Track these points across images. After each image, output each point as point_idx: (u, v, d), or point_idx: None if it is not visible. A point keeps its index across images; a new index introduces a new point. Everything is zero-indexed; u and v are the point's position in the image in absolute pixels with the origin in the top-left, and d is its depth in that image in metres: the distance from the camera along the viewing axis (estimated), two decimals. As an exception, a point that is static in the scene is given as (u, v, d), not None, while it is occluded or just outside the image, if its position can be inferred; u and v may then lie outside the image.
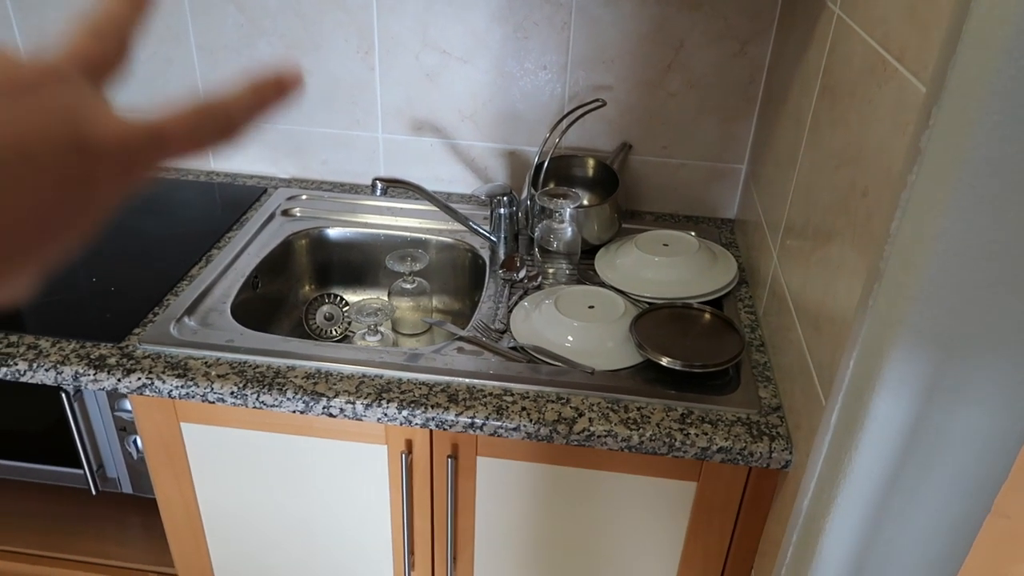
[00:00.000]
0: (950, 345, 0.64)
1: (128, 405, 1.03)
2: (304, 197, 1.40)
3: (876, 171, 0.72)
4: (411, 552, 1.07)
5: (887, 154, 0.70)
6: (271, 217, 1.34)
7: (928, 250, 0.60)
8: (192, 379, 0.94)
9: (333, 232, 1.35)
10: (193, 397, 0.94)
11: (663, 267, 1.17)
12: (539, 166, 1.26)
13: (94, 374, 0.95)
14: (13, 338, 1.00)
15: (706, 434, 0.89)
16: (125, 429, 1.05)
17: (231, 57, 1.37)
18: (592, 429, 0.89)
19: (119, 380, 0.95)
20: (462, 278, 1.34)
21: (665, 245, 1.21)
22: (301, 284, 1.36)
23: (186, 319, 1.05)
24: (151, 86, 1.41)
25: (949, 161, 0.57)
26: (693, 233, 1.26)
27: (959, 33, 0.56)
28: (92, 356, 0.97)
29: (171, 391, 0.94)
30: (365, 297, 1.37)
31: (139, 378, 0.94)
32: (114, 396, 1.03)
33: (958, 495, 0.71)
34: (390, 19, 1.30)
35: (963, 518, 0.73)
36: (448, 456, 0.97)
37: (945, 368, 0.65)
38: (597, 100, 1.26)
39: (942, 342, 0.64)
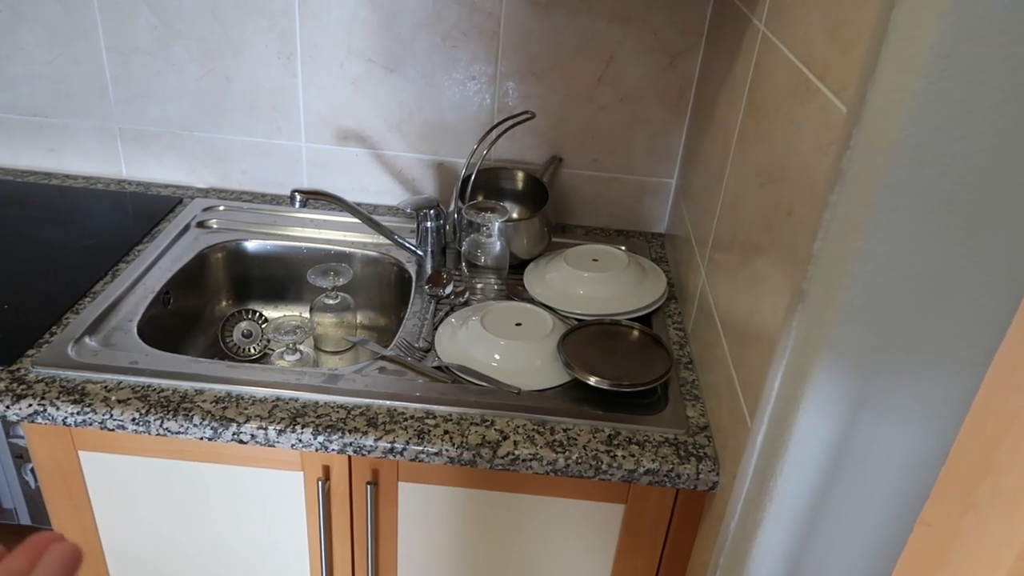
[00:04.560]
0: (874, 364, 0.63)
1: (23, 431, 0.95)
2: (222, 208, 1.33)
3: (800, 190, 0.71)
4: (331, 582, 1.02)
5: (811, 173, 0.69)
6: (186, 229, 1.27)
7: (850, 270, 0.59)
8: (90, 405, 0.88)
9: (252, 245, 1.29)
10: (91, 424, 0.87)
11: (593, 283, 1.15)
12: (467, 178, 1.23)
13: (-21, 400, 0.88)
14: None
15: (633, 456, 0.87)
16: (21, 457, 0.98)
17: (144, 60, 1.30)
18: (517, 453, 0.86)
19: (7, 407, 0.87)
20: (388, 293, 1.30)
21: (595, 260, 1.19)
22: (217, 300, 1.29)
23: (87, 339, 0.98)
24: (57, 88, 1.32)
25: (870, 182, 0.56)
26: (623, 248, 1.25)
27: (878, 54, 0.55)
28: (-22, 380, 0.90)
29: (66, 418, 0.87)
30: (286, 313, 1.31)
31: (30, 404, 0.87)
32: (8, 422, 0.95)
33: (883, 513, 0.71)
34: (313, 26, 1.25)
35: (889, 535, 0.73)
36: (368, 482, 0.92)
37: (869, 387, 0.64)
38: (527, 112, 1.24)
39: (866, 362, 0.63)
